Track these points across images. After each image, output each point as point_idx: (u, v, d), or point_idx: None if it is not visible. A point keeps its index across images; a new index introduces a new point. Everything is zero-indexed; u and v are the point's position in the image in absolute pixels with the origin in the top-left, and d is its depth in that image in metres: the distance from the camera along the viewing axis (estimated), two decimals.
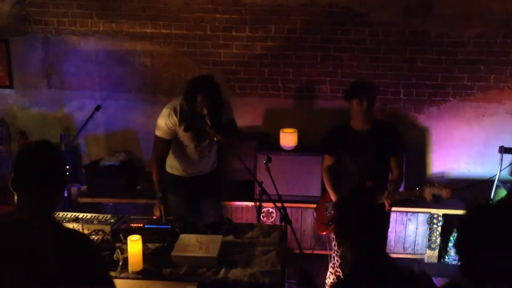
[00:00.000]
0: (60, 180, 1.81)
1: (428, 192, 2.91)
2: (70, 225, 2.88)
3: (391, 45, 4.14)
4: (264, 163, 3.08)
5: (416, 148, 4.29)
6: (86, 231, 2.78)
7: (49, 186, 1.74)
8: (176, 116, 3.06)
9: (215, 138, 3.05)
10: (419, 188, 2.91)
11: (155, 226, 2.88)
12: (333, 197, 3.27)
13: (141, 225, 2.88)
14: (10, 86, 4.37)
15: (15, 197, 1.77)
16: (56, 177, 1.77)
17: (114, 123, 4.43)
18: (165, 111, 3.11)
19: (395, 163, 3.22)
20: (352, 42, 4.17)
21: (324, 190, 3.51)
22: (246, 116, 4.33)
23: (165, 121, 3.08)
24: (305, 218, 4.07)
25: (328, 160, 3.35)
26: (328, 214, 3.37)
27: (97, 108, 3.95)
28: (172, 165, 3.31)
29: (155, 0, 4.13)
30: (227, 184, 4.01)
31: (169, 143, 3.16)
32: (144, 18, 4.19)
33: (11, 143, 4.46)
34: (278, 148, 4.08)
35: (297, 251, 2.63)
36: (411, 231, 4.14)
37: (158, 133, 3.13)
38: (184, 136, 3.15)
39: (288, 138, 4.07)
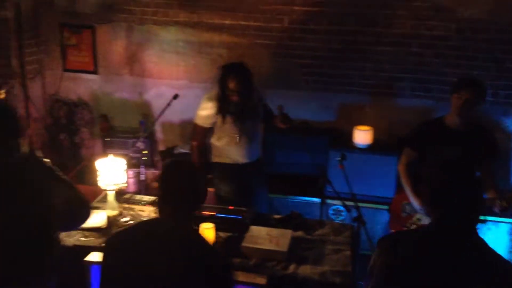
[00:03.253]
0: (202, 193, 1.94)
1: (498, 203, 2.76)
2: (146, 208, 3.00)
3: (478, 43, 3.90)
4: (338, 160, 3.03)
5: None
6: None
7: (196, 200, 1.90)
8: (213, 103, 3.25)
9: (281, 126, 3.22)
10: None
11: (226, 216, 2.92)
12: (414, 200, 3.13)
13: (213, 213, 2.92)
14: (95, 72, 4.59)
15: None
16: (201, 191, 1.92)
17: (190, 112, 4.51)
18: (203, 100, 3.33)
19: (487, 168, 3.01)
20: (436, 38, 3.97)
21: (399, 187, 3.38)
22: (319, 110, 4.27)
23: (203, 109, 3.30)
24: (376, 219, 3.95)
25: (408, 156, 3.21)
26: (405, 215, 3.25)
27: (175, 96, 4.05)
28: (220, 153, 3.44)
29: None
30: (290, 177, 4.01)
31: (207, 131, 3.37)
32: (223, 10, 4.23)
33: (94, 126, 4.70)
34: (351, 146, 3.99)
35: None
36: (490, 242, 3.89)
37: (197, 121, 3.37)
38: (224, 123, 3.29)
39: (362, 136, 3.97)
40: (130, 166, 3.51)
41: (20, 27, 4.20)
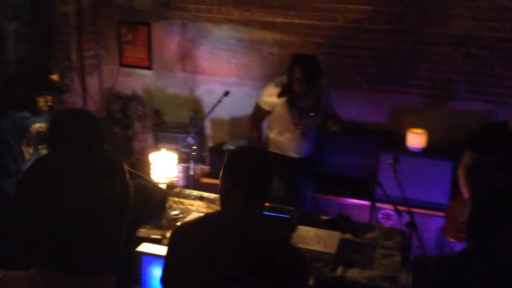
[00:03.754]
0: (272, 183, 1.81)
1: None
2: (195, 203, 3.04)
3: None
4: (391, 163, 2.96)
5: None
6: (209, 210, 2.89)
7: (267, 190, 1.75)
8: (277, 89, 3.29)
9: (333, 127, 3.22)
10: None
11: (273, 214, 2.90)
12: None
13: None
14: (149, 68, 4.70)
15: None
16: (270, 182, 1.78)
17: (239, 109, 4.55)
18: (270, 83, 3.40)
19: None
20: (497, 40, 3.79)
21: (457, 192, 3.26)
22: (372, 111, 4.19)
23: (267, 92, 3.36)
24: (428, 225, 3.83)
25: (468, 159, 3.10)
26: (463, 220, 3.13)
27: (226, 93, 4.09)
28: (274, 143, 3.47)
29: None
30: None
31: (266, 114, 3.44)
32: (276, 8, 4.22)
33: (146, 120, 4.82)
34: (404, 149, 3.88)
35: None
36: None
37: (259, 101, 3.42)
38: (284, 111, 3.32)
39: (416, 139, 3.85)
40: (179, 161, 3.57)
41: (80, 22, 4.36)
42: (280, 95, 3.29)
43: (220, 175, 1.77)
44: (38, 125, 2.77)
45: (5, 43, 3.91)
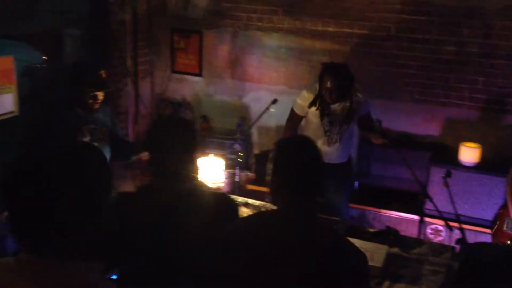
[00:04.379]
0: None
1: None
2: (240, 209, 3.06)
3: None
4: (443, 177, 2.88)
5: None
6: None
7: (320, 187, 1.65)
8: (309, 95, 3.31)
9: (376, 141, 3.20)
10: None
11: None
12: None
13: None
14: (199, 74, 4.79)
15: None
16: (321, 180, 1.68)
17: (286, 117, 4.55)
18: (304, 90, 3.42)
19: None
20: None
21: (505, 202, 3.13)
22: (422, 124, 4.09)
23: (301, 97, 3.39)
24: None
25: None
26: (508, 231, 2.99)
27: (274, 101, 4.10)
28: None
29: None
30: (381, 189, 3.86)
31: (300, 119, 3.46)
32: (327, 17, 4.21)
33: (194, 126, 4.90)
34: (456, 163, 3.75)
35: None
36: None
37: (293, 106, 3.44)
38: (315, 119, 3.33)
39: (469, 153, 3.72)
40: (225, 166, 3.61)
41: (136, 30, 4.51)
42: (310, 105, 3.30)
43: (270, 169, 1.64)
44: (92, 127, 2.82)
45: (64, 48, 4.11)
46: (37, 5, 3.57)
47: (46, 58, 3.97)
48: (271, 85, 4.56)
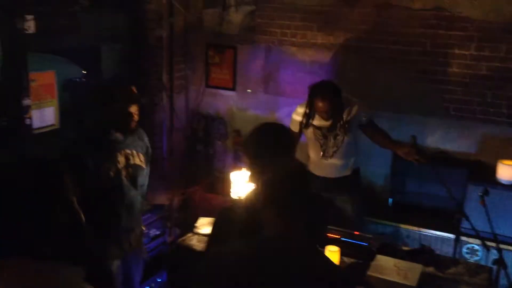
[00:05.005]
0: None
1: None
2: None
3: None
4: (480, 195, 2.81)
5: None
6: None
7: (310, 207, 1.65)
8: (302, 110, 3.47)
9: (408, 159, 3.25)
10: None
11: (351, 241, 2.85)
12: None
13: (338, 236, 2.88)
14: (233, 89, 4.85)
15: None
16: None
17: None
18: (297, 107, 3.57)
19: None
20: None
21: None
22: (459, 140, 4.00)
23: (295, 113, 3.55)
24: None
25: None
26: None
27: None
28: (310, 163, 3.57)
29: (377, 14, 4.11)
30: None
31: (298, 135, 3.53)
32: (361, 32, 4.20)
33: (227, 140, 4.96)
34: (493, 181, 3.65)
35: None
36: None
37: (290, 124, 3.55)
38: (309, 133, 3.49)
39: (507, 171, 3.61)
40: None
41: (172, 45, 4.62)
42: (304, 126, 3.47)
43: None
44: (128, 151, 2.74)
45: (101, 64, 4.24)
46: (78, 21, 3.71)
47: (85, 72, 4.11)
48: (304, 100, 4.56)
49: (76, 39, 3.77)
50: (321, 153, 3.46)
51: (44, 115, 3.44)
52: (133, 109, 2.65)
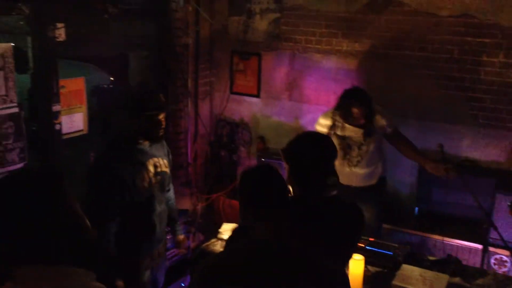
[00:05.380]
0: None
1: None
2: None
3: None
4: (508, 205, 2.76)
5: None
6: None
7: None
8: (327, 120, 3.45)
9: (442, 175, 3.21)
10: None
11: (376, 250, 2.82)
12: None
13: (362, 245, 2.85)
14: (257, 96, 4.87)
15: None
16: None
17: None
18: (320, 117, 3.54)
19: None
20: None
21: None
22: (487, 149, 3.92)
23: (318, 124, 3.51)
24: None
25: None
26: None
27: None
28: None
29: (404, 21, 4.08)
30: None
31: None
32: (388, 39, 4.17)
33: (251, 146, 4.98)
34: None
35: None
36: None
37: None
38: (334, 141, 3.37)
39: None
40: None
41: (197, 52, 4.68)
42: (330, 129, 3.42)
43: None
44: (155, 159, 2.77)
45: (129, 70, 4.32)
46: (107, 29, 3.80)
47: (112, 79, 4.20)
48: (329, 107, 4.53)
49: (105, 47, 3.85)
50: (346, 161, 3.43)
51: (73, 121, 3.52)
52: (161, 116, 2.68)
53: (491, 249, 3.54)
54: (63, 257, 1.22)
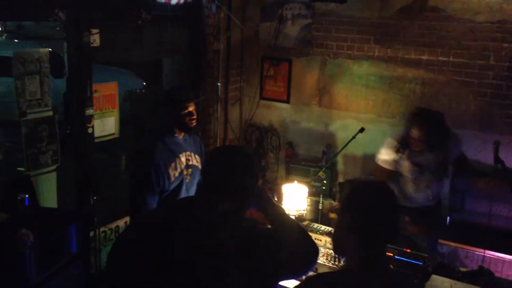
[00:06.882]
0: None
1: None
2: (323, 238, 3.02)
3: None
4: None
5: None
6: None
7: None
8: (394, 148, 3.16)
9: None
10: None
11: (406, 259, 2.76)
12: None
13: (391, 254, 2.80)
14: (287, 101, 4.87)
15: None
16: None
17: (373, 146, 4.44)
18: (387, 141, 3.26)
19: None
20: None
21: None
22: None
23: (384, 152, 3.25)
24: None
25: None
26: None
27: (361, 130, 4.04)
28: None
29: (437, 27, 4.00)
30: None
31: (389, 173, 3.22)
32: (421, 45, 4.10)
33: (280, 152, 4.97)
34: None
35: None
36: None
37: (378, 161, 3.29)
38: (405, 162, 3.18)
39: None
40: (309, 194, 3.60)
41: (228, 58, 4.71)
42: (397, 151, 3.17)
43: (338, 212, 1.57)
44: (188, 153, 2.93)
45: (162, 75, 4.40)
46: (141, 35, 3.88)
47: (145, 84, 4.28)
48: (359, 113, 4.50)
49: (139, 52, 3.94)
50: (414, 185, 3.25)
51: (105, 125, 3.61)
52: (191, 107, 2.85)
53: None
54: None
